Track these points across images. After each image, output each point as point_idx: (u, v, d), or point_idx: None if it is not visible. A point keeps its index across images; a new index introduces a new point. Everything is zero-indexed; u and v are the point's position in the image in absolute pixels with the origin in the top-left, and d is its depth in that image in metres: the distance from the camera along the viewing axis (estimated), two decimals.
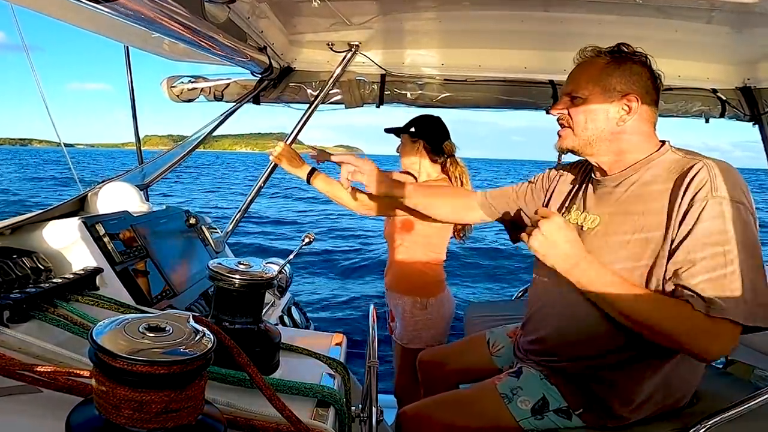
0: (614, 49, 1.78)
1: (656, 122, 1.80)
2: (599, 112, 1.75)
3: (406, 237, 2.93)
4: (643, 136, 1.76)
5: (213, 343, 0.88)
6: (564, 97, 1.84)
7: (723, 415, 1.62)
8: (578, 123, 1.79)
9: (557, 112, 1.85)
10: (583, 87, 1.78)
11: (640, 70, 1.75)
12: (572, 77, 1.83)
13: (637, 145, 1.76)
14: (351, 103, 3.39)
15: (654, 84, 1.77)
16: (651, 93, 1.76)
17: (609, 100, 1.74)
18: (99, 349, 0.80)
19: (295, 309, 3.03)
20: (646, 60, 1.77)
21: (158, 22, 1.73)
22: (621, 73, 1.74)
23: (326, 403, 1.25)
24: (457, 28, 2.90)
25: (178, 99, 3.46)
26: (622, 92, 1.73)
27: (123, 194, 2.46)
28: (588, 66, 1.80)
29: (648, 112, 1.75)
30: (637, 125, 1.75)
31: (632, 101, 1.72)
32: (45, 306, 1.39)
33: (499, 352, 2.26)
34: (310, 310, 7.37)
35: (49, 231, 1.86)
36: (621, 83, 1.73)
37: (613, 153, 1.79)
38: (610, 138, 1.77)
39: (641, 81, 1.74)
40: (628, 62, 1.75)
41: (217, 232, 2.99)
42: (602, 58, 1.78)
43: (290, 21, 2.80)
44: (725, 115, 3.36)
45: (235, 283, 1.31)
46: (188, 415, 0.86)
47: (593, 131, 1.77)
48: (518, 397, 1.81)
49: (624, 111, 1.73)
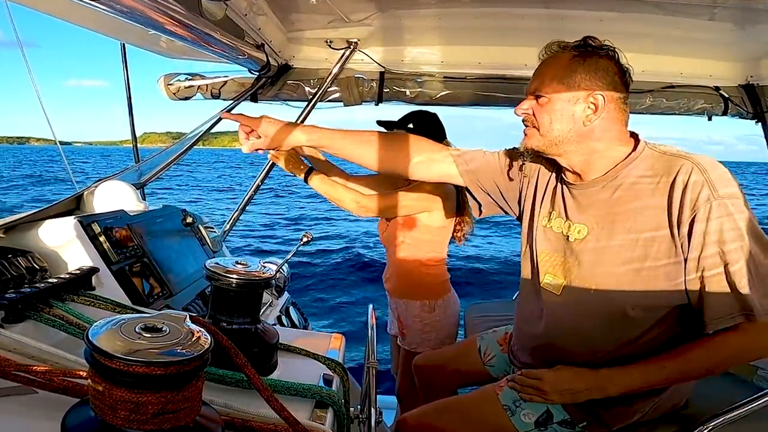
0: (580, 43, 1.71)
1: (628, 119, 1.74)
2: (564, 111, 1.69)
3: (407, 238, 2.87)
4: (614, 136, 1.71)
5: (210, 343, 0.88)
6: (529, 96, 1.78)
7: (725, 416, 1.63)
8: (543, 123, 1.73)
9: (521, 112, 1.78)
10: (547, 85, 1.71)
11: (607, 65, 1.68)
12: (537, 75, 1.77)
13: (608, 145, 1.71)
14: (350, 101, 3.39)
15: (623, 79, 1.70)
16: (619, 89, 1.69)
17: (574, 98, 1.68)
18: (95, 350, 0.80)
19: (293, 309, 3.02)
20: (614, 54, 1.70)
21: (155, 19, 1.74)
22: (586, 70, 1.67)
23: (325, 404, 1.25)
24: (456, 25, 2.90)
25: (175, 97, 3.46)
26: (587, 90, 1.67)
27: (119, 193, 2.46)
28: (552, 63, 1.73)
29: (617, 109, 1.69)
30: (605, 124, 1.69)
31: (598, 99, 1.66)
32: (40, 306, 1.39)
33: (491, 361, 2.24)
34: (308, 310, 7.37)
35: (44, 230, 1.86)
36: (586, 80, 1.66)
37: (582, 154, 1.73)
38: (577, 139, 1.71)
39: (608, 77, 1.67)
40: (594, 57, 1.68)
41: (214, 231, 2.99)
42: (567, 54, 1.70)
43: (288, 18, 2.80)
44: (728, 112, 3.36)
45: (233, 283, 1.32)
46: (185, 417, 0.86)
47: (559, 132, 1.71)
48: (521, 410, 1.79)
49: (590, 110, 1.67)
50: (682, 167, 1.56)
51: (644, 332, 1.64)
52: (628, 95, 1.73)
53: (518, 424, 1.78)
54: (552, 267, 1.82)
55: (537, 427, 1.77)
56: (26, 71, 2.53)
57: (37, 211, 1.99)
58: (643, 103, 3.29)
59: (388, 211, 2.81)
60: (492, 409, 1.84)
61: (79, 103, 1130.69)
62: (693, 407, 1.82)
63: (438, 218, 2.79)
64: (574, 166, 1.77)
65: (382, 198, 2.75)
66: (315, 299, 8.75)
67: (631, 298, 1.61)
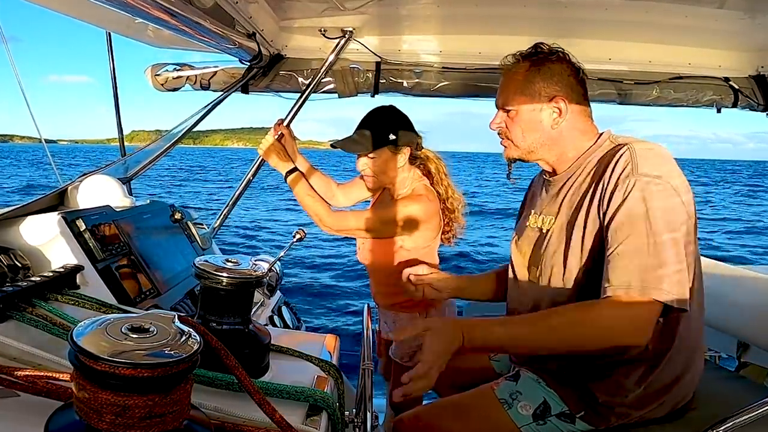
0: (531, 52, 1.87)
1: (591, 113, 1.91)
2: (533, 121, 1.86)
3: (386, 259, 2.73)
4: (580, 132, 1.86)
5: (199, 344, 0.88)
6: (499, 111, 1.94)
7: (735, 420, 1.63)
8: (516, 135, 1.90)
9: (495, 126, 1.96)
10: (512, 99, 1.88)
11: (560, 68, 1.84)
12: (501, 89, 1.94)
13: (575, 142, 1.87)
14: (345, 92, 3.38)
15: (577, 78, 1.86)
16: (577, 88, 1.85)
17: (538, 107, 1.84)
18: (80, 351, 0.80)
19: (286, 309, 3.03)
20: (565, 55, 1.87)
21: (142, 7, 1.73)
22: (542, 77, 1.83)
23: (318, 407, 1.25)
24: (456, 13, 2.90)
25: (163, 88, 3.45)
26: (548, 96, 1.83)
27: (105, 188, 2.46)
28: (512, 76, 1.89)
29: (579, 107, 1.86)
30: (572, 123, 1.85)
31: (560, 103, 1.82)
32: (23, 305, 1.38)
33: (497, 356, 2.26)
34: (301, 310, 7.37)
35: (27, 227, 1.86)
36: (545, 87, 1.83)
37: (555, 155, 1.90)
38: (549, 143, 1.88)
39: (564, 79, 1.83)
40: (547, 63, 1.84)
41: (204, 227, 2.99)
42: (523, 65, 1.87)
43: (280, 6, 2.79)
44: (738, 104, 3.35)
45: (223, 282, 1.32)
46: (173, 421, 0.86)
47: (532, 140, 1.88)
48: (518, 402, 1.82)
49: (556, 114, 1.84)
50: (622, 152, 1.67)
51: None
52: (587, 91, 1.90)
53: (516, 417, 1.80)
54: (527, 259, 1.95)
55: (535, 420, 1.79)
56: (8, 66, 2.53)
57: (19, 206, 1.99)
58: (650, 95, 3.29)
59: (352, 233, 2.73)
60: (488, 404, 1.86)
61: (63, 100, 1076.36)
62: (701, 409, 1.82)
63: (422, 239, 2.67)
64: (549, 165, 1.94)
65: (348, 218, 2.71)
66: (308, 298, 8.75)
67: (596, 280, 1.66)
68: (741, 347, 2.81)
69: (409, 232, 2.62)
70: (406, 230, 2.61)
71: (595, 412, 1.76)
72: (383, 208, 2.71)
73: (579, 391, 1.78)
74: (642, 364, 1.72)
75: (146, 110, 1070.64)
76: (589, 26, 2.96)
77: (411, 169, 2.75)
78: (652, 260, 1.54)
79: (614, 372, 1.73)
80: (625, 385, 1.72)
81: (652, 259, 1.54)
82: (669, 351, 1.72)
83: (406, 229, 2.61)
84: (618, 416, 1.75)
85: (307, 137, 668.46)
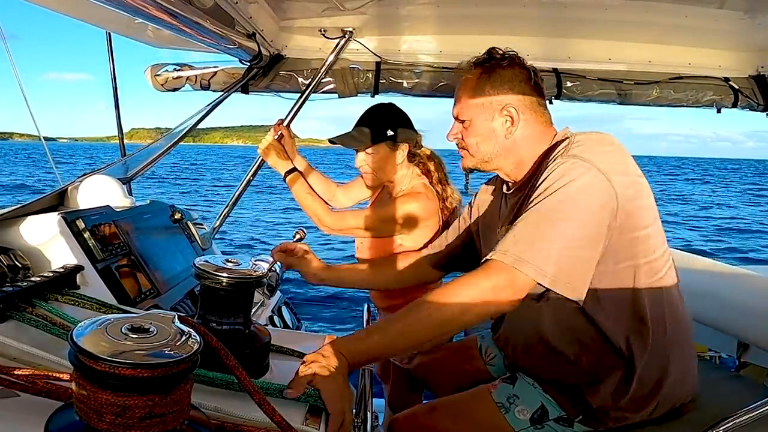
0: (484, 58, 1.85)
1: (547, 117, 1.86)
2: (487, 131, 1.84)
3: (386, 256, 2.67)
4: (535, 139, 1.82)
5: (199, 344, 0.88)
6: (455, 122, 1.92)
7: (735, 420, 1.63)
8: (471, 145, 1.88)
9: (452, 138, 1.95)
10: (465, 109, 1.86)
11: (511, 74, 1.81)
12: (455, 98, 1.91)
13: (531, 148, 1.82)
14: (344, 93, 3.38)
15: (530, 83, 1.82)
16: (530, 93, 1.81)
17: (490, 116, 1.82)
18: (79, 351, 0.80)
19: (286, 309, 3.03)
20: (517, 59, 1.84)
21: (142, 7, 1.73)
22: (493, 85, 1.81)
23: (318, 408, 1.25)
24: (456, 14, 2.90)
25: (163, 88, 3.45)
26: (500, 105, 1.80)
27: (105, 188, 2.46)
28: (465, 85, 1.87)
29: (533, 113, 1.82)
30: (526, 131, 1.82)
31: (512, 111, 1.79)
32: (23, 306, 1.39)
33: (492, 360, 2.25)
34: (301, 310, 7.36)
35: (27, 227, 1.86)
36: (496, 95, 1.81)
37: (513, 163, 1.86)
38: (505, 153, 1.84)
39: (515, 86, 1.80)
40: (497, 70, 1.82)
41: (204, 228, 2.99)
42: (475, 72, 1.85)
43: (280, 6, 2.79)
44: (738, 104, 3.35)
45: (223, 282, 1.32)
46: (173, 421, 0.86)
47: (486, 150, 1.86)
48: (515, 407, 1.81)
49: (508, 122, 1.81)
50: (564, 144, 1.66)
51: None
52: (542, 94, 1.86)
53: (513, 421, 1.79)
54: None
55: (533, 425, 1.78)
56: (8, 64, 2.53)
57: (19, 206, 1.99)
58: (650, 95, 3.28)
59: (352, 233, 2.74)
60: (485, 407, 1.85)
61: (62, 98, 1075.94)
62: (701, 409, 1.82)
63: (421, 238, 2.62)
64: (509, 174, 1.90)
65: (346, 217, 2.71)
66: (308, 298, 8.74)
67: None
68: (741, 347, 2.80)
69: (408, 230, 2.60)
70: (405, 228, 2.60)
71: (592, 417, 1.74)
72: (382, 207, 2.71)
73: (574, 396, 1.76)
74: (624, 367, 1.70)
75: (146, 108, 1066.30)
76: (589, 26, 2.96)
77: (410, 167, 2.73)
78: (540, 233, 1.51)
79: (601, 376, 1.72)
80: (614, 388, 1.70)
81: (541, 232, 1.51)
82: (651, 350, 1.69)
83: (405, 228, 2.59)
84: (615, 420, 1.73)
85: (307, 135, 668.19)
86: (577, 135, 1.67)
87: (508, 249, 1.51)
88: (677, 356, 1.75)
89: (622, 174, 1.58)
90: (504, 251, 1.51)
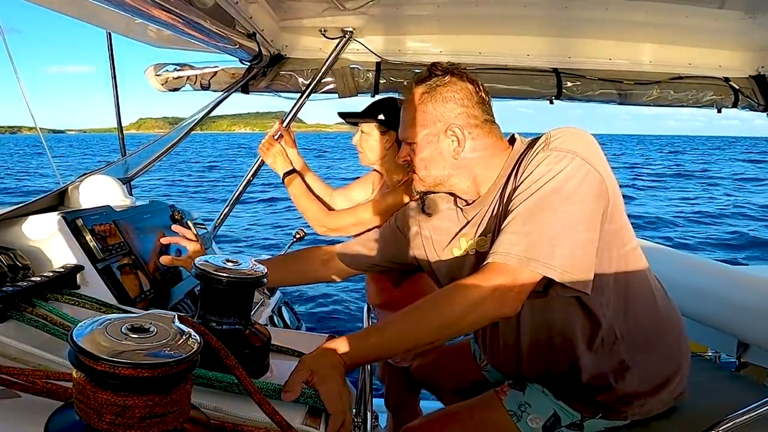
0: (425, 76, 1.76)
1: (496, 130, 1.78)
2: (433, 154, 1.76)
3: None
4: (489, 153, 1.75)
5: (199, 344, 0.88)
6: (403, 145, 1.85)
7: (735, 420, 1.63)
8: (420, 168, 1.80)
9: (401, 160, 1.87)
10: (410, 132, 1.79)
11: (453, 90, 1.72)
12: (401, 121, 1.84)
13: (487, 164, 1.75)
14: (345, 93, 3.38)
15: (473, 99, 1.74)
16: (473, 109, 1.73)
17: (435, 138, 1.74)
18: (80, 351, 0.80)
19: (286, 309, 3.03)
20: (459, 74, 1.74)
21: (142, 7, 1.73)
22: (434, 105, 1.73)
23: (318, 408, 1.25)
24: (456, 13, 2.90)
25: (164, 88, 3.45)
26: (444, 126, 1.72)
27: (105, 188, 2.46)
28: (408, 106, 1.80)
29: (480, 130, 1.74)
30: (475, 148, 1.74)
31: (456, 132, 1.72)
32: (23, 306, 1.39)
33: (487, 366, 2.24)
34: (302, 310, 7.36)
35: (27, 227, 1.86)
36: (438, 116, 1.73)
37: (467, 180, 1.78)
38: (457, 173, 1.77)
39: (457, 105, 1.72)
40: (438, 88, 1.73)
41: (204, 227, 2.99)
42: (417, 91, 1.76)
43: (281, 6, 2.80)
44: (738, 104, 3.35)
45: (223, 282, 1.31)
46: (173, 421, 0.86)
47: (436, 173, 1.78)
48: (528, 415, 1.78)
49: (455, 143, 1.73)
50: (540, 141, 1.62)
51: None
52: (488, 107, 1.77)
53: (525, 430, 1.77)
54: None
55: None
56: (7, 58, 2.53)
57: (19, 206, 1.99)
58: (651, 95, 3.29)
59: (350, 232, 2.72)
60: (497, 416, 1.82)
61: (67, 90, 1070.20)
62: (701, 409, 1.82)
63: None
64: (465, 192, 1.82)
65: (343, 216, 2.73)
66: (308, 298, 8.74)
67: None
68: (741, 347, 2.80)
69: None
70: None
71: (607, 412, 1.74)
72: (378, 197, 2.73)
73: (587, 398, 1.75)
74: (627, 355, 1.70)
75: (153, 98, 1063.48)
76: (589, 26, 2.96)
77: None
78: (539, 228, 1.49)
79: (604, 377, 1.71)
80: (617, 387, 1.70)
81: (539, 226, 1.49)
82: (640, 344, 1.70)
83: None
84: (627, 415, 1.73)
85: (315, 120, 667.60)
86: (553, 130, 1.62)
87: (508, 249, 1.49)
88: (668, 351, 1.75)
89: (602, 165, 1.56)
90: (505, 252, 1.49)
